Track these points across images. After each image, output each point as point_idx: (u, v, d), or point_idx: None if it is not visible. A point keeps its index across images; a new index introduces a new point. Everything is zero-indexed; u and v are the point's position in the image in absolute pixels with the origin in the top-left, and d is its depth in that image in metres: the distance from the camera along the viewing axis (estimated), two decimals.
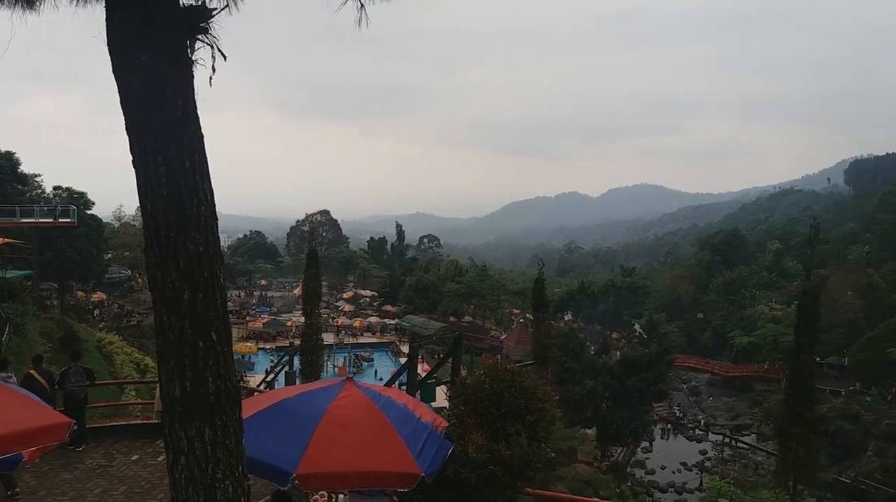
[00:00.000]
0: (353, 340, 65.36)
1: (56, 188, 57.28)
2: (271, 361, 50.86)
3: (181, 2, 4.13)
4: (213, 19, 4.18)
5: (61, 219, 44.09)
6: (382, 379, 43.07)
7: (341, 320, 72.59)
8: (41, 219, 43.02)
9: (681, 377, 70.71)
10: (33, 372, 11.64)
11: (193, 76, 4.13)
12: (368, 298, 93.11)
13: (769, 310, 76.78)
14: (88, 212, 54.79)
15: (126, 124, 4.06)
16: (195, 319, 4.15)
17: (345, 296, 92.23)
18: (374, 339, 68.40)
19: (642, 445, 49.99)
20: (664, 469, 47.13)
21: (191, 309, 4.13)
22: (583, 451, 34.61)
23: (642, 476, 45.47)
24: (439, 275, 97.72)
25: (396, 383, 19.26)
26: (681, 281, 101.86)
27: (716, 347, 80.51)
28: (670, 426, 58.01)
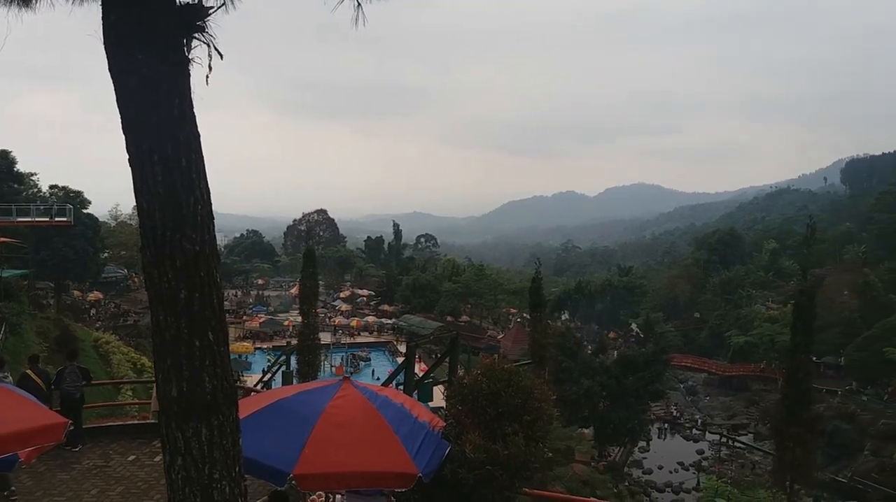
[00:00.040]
0: (350, 340, 65.38)
1: (52, 187, 57.07)
2: (268, 361, 50.83)
3: (177, 0, 4.11)
4: (210, 17, 4.16)
5: (57, 219, 44.04)
6: (379, 378, 43.08)
7: (338, 320, 72.54)
8: (37, 219, 42.99)
9: (678, 376, 70.76)
10: (30, 372, 11.59)
11: (190, 75, 4.12)
12: (365, 298, 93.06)
13: (766, 310, 76.89)
14: (85, 211, 54.59)
15: (122, 123, 4.05)
16: (191, 319, 4.13)
17: (342, 295, 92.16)
18: (372, 339, 68.36)
19: (639, 445, 50.01)
20: (661, 468, 47.18)
21: (187, 308, 4.11)
22: (580, 451, 34.60)
23: (639, 475, 45.51)
24: (436, 275, 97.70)
25: (394, 383, 19.28)
26: (678, 280, 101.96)
27: (712, 347, 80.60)
28: (667, 425, 58.06)
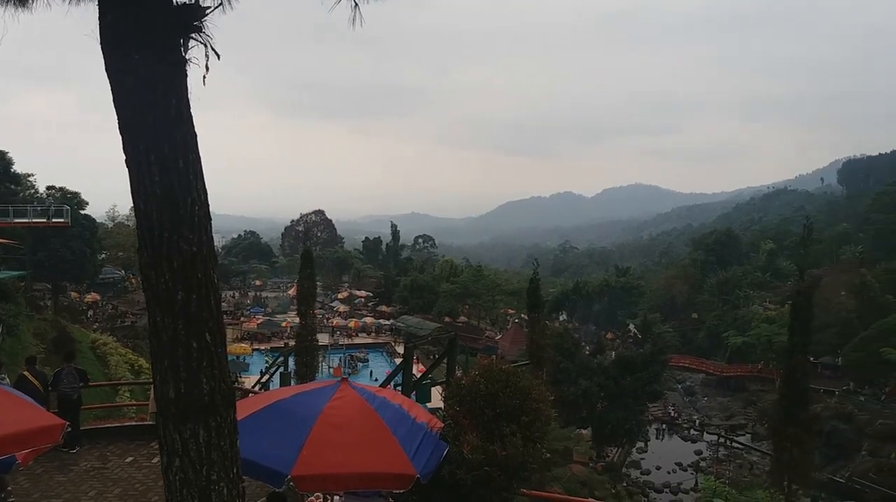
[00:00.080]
0: (348, 341, 65.37)
1: (49, 188, 57.01)
2: (266, 362, 50.75)
3: (174, 0, 4.10)
4: (207, 18, 4.15)
5: (55, 219, 43.91)
6: (377, 379, 43.08)
7: (336, 321, 72.45)
8: (34, 220, 42.86)
9: (675, 377, 70.79)
10: (27, 373, 11.55)
11: (187, 75, 4.11)
12: (363, 299, 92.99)
13: (763, 310, 77.01)
14: (82, 212, 54.54)
15: (119, 123, 4.04)
16: (189, 320, 4.12)
17: (340, 296, 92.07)
18: (369, 340, 68.34)
19: (637, 445, 50.02)
20: (659, 469, 47.18)
21: (184, 309, 4.11)
22: (578, 452, 34.65)
23: (637, 476, 45.50)
24: (434, 276, 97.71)
25: (392, 384, 19.27)
26: (675, 281, 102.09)
27: (710, 347, 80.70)
28: (665, 426, 58.07)
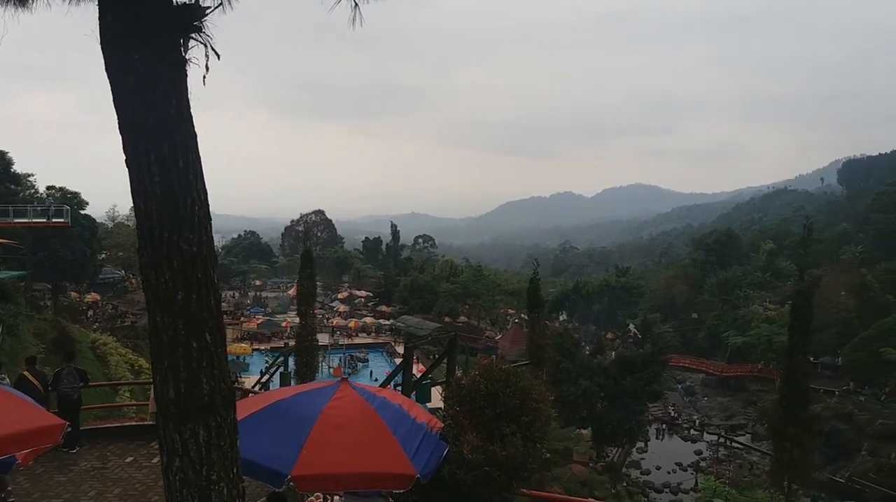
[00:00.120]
0: (348, 341, 65.36)
1: (49, 188, 57.02)
2: (266, 362, 50.74)
3: (174, 0, 4.10)
4: (207, 18, 4.15)
5: (55, 219, 43.90)
6: (377, 379, 43.08)
7: (336, 321, 72.45)
8: (34, 220, 42.86)
9: (675, 377, 70.78)
10: (27, 373, 11.55)
11: (187, 75, 4.11)
12: (363, 299, 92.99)
13: (763, 310, 77.00)
14: (82, 212, 54.53)
15: (119, 123, 4.04)
16: (189, 320, 4.12)
17: (340, 296, 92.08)
18: (369, 340, 68.34)
19: (637, 445, 50.03)
20: (659, 469, 47.18)
21: (184, 309, 4.11)
22: (578, 452, 34.65)
23: (637, 476, 45.51)
24: (434, 276, 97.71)
25: (392, 384, 19.27)
26: (675, 281, 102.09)
27: (710, 347, 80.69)
28: (665, 426, 58.07)
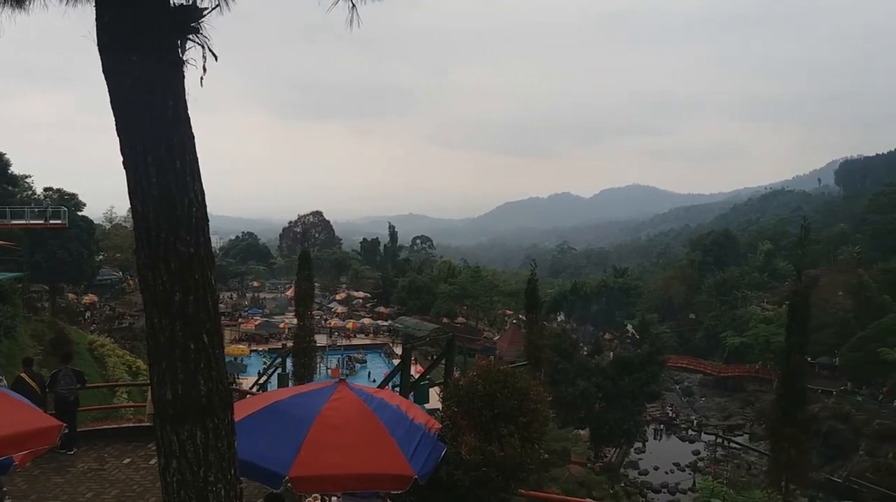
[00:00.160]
0: (346, 342, 65.27)
1: (47, 189, 56.93)
2: (264, 363, 50.64)
3: (171, 1, 4.11)
4: (204, 19, 4.15)
5: (52, 221, 43.84)
6: (375, 380, 43.10)
7: (334, 322, 72.34)
8: (32, 221, 42.79)
9: (673, 377, 70.83)
10: (24, 375, 11.54)
11: (184, 76, 4.11)
12: (361, 300, 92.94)
13: (761, 311, 77.04)
14: (79, 213, 54.43)
15: (116, 124, 4.03)
16: (186, 321, 4.12)
17: (337, 297, 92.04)
18: (367, 341, 68.27)
19: (635, 446, 50.06)
20: (657, 469, 47.22)
21: (182, 311, 4.10)
22: (576, 452, 34.74)
23: (635, 476, 45.54)
24: (432, 277, 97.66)
25: (389, 385, 19.28)
26: (673, 281, 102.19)
27: (708, 348, 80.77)
28: (663, 426, 58.11)
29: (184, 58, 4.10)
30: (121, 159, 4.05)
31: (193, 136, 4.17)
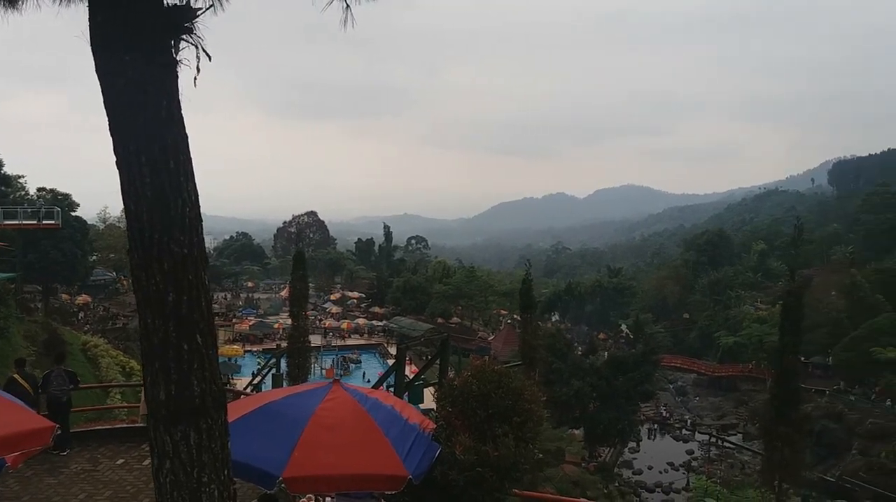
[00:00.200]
0: (341, 342, 65.15)
1: (40, 189, 56.63)
2: (258, 364, 50.54)
3: (165, 1, 4.10)
4: (198, 19, 4.15)
5: (45, 221, 43.67)
6: (370, 380, 42.99)
7: (329, 322, 72.29)
8: (25, 221, 42.63)
9: (667, 377, 71.09)
10: (16, 375, 11.49)
11: (178, 76, 4.10)
12: (356, 300, 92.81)
13: (754, 310, 77.37)
14: (73, 213, 54.15)
15: (109, 125, 4.02)
16: (180, 322, 4.11)
17: (332, 297, 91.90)
18: (362, 341, 68.19)
19: (629, 445, 50.21)
20: (651, 469, 47.37)
21: (175, 311, 4.09)
22: (570, 452, 34.67)
23: (630, 476, 45.67)
24: (427, 277, 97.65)
25: (384, 385, 19.23)
26: (667, 281, 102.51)
27: (702, 347, 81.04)
28: (657, 426, 58.32)
29: (177, 58, 4.10)
30: (114, 159, 4.04)
31: (187, 136, 4.16)
